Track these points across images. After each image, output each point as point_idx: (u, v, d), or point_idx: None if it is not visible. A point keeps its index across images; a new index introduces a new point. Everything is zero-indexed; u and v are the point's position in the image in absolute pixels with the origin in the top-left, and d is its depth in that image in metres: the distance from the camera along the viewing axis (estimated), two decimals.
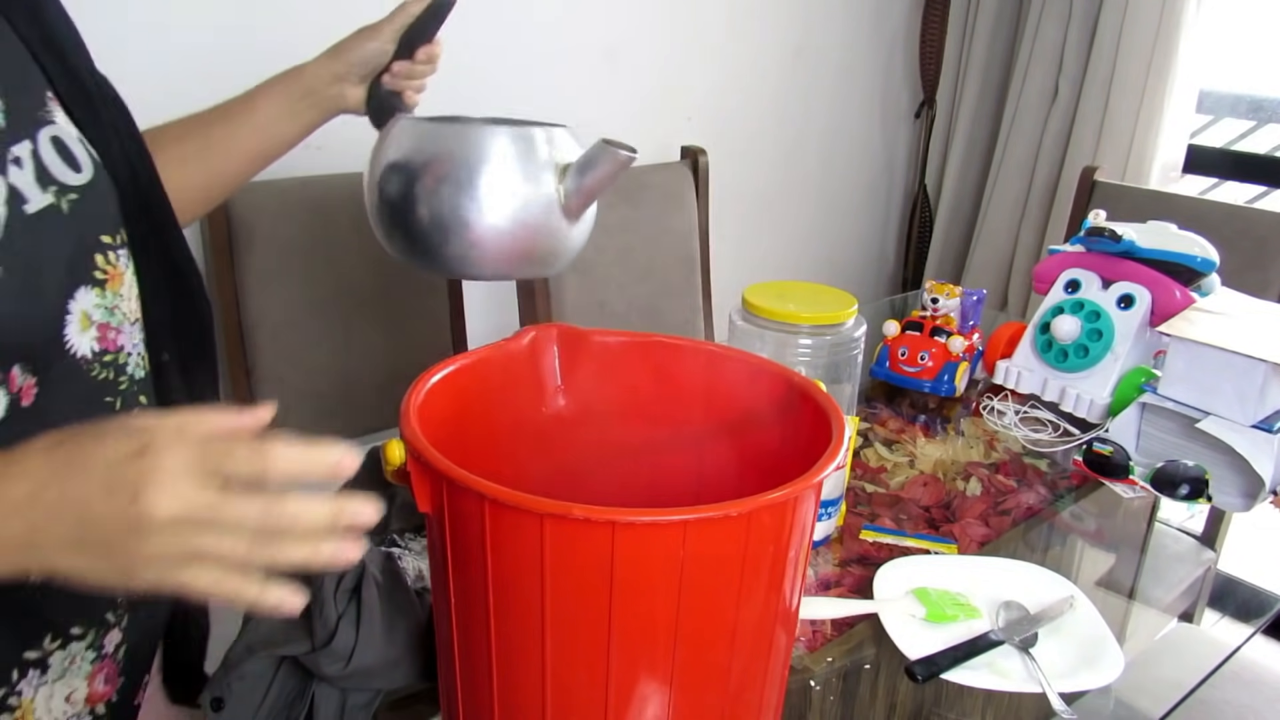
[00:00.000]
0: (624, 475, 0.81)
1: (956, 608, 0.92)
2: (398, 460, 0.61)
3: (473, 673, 0.63)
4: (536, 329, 0.77)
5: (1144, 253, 1.40)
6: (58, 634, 0.62)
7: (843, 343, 1.17)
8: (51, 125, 0.60)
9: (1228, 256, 1.45)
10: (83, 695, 0.65)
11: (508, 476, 0.56)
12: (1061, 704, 0.80)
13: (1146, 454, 1.26)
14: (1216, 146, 2.48)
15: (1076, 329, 1.38)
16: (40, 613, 0.60)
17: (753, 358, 0.77)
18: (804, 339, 1.16)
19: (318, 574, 0.75)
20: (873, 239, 2.95)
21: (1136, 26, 2.31)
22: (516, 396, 0.77)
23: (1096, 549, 1.13)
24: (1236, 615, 1.03)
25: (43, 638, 0.61)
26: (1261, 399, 1.17)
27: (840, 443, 0.62)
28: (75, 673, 0.64)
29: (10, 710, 0.59)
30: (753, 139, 2.45)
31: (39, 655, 0.61)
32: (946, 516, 1.12)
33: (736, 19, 2.30)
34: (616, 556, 0.54)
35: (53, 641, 0.61)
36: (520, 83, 1.95)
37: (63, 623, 0.62)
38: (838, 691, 0.83)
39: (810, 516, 0.63)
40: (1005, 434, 1.36)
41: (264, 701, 0.74)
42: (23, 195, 0.56)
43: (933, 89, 2.76)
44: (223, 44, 1.54)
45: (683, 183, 1.94)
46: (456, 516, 0.58)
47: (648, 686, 0.59)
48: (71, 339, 0.60)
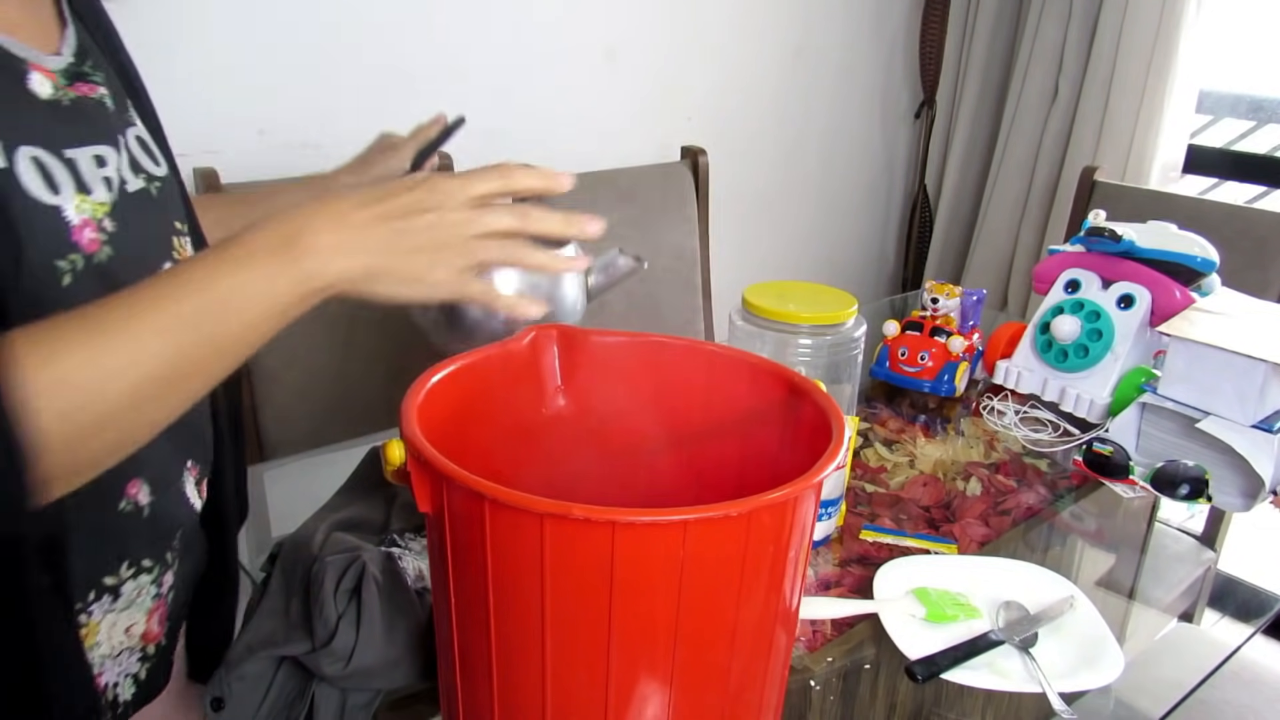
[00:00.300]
0: (624, 475, 0.81)
1: (956, 608, 0.92)
2: (398, 460, 0.61)
3: (473, 673, 0.63)
4: (536, 329, 0.77)
5: (1144, 253, 1.40)
6: (133, 563, 0.68)
7: (842, 343, 1.17)
8: (135, 128, 0.69)
9: (1228, 256, 1.45)
10: (140, 631, 0.70)
11: (508, 476, 0.56)
12: (1061, 704, 0.80)
13: (1146, 454, 1.26)
14: (1216, 146, 2.48)
15: (1076, 329, 1.38)
16: (123, 539, 0.66)
17: (753, 357, 0.77)
18: (804, 339, 1.16)
19: (318, 574, 0.75)
20: (873, 239, 2.95)
21: (1136, 26, 2.31)
22: (516, 396, 0.77)
23: (1096, 549, 1.13)
24: (1236, 615, 1.03)
25: (120, 565, 0.67)
26: (1261, 399, 1.17)
27: (840, 443, 0.62)
28: (139, 606, 0.69)
29: (77, 627, 0.64)
30: (753, 139, 2.45)
31: (115, 582, 0.67)
32: (946, 516, 1.12)
33: (736, 19, 2.30)
34: (616, 556, 0.54)
35: (128, 570, 0.67)
36: (521, 83, 1.95)
37: (137, 553, 0.68)
38: (838, 691, 0.83)
39: (810, 516, 0.63)
40: (1005, 434, 1.36)
41: (264, 701, 0.74)
42: (122, 177, 0.64)
43: (933, 89, 2.76)
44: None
45: (683, 183, 1.93)
46: (456, 516, 0.58)
47: (648, 686, 0.59)
48: None
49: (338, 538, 0.80)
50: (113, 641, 0.68)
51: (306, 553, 0.79)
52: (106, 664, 0.68)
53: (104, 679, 0.69)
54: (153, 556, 0.70)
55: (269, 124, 1.64)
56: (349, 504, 0.90)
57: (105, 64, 0.68)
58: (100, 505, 0.63)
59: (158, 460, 0.69)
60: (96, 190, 0.61)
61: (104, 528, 0.64)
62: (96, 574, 0.66)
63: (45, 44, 0.63)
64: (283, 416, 1.52)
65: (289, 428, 1.51)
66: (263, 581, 0.81)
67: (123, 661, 0.70)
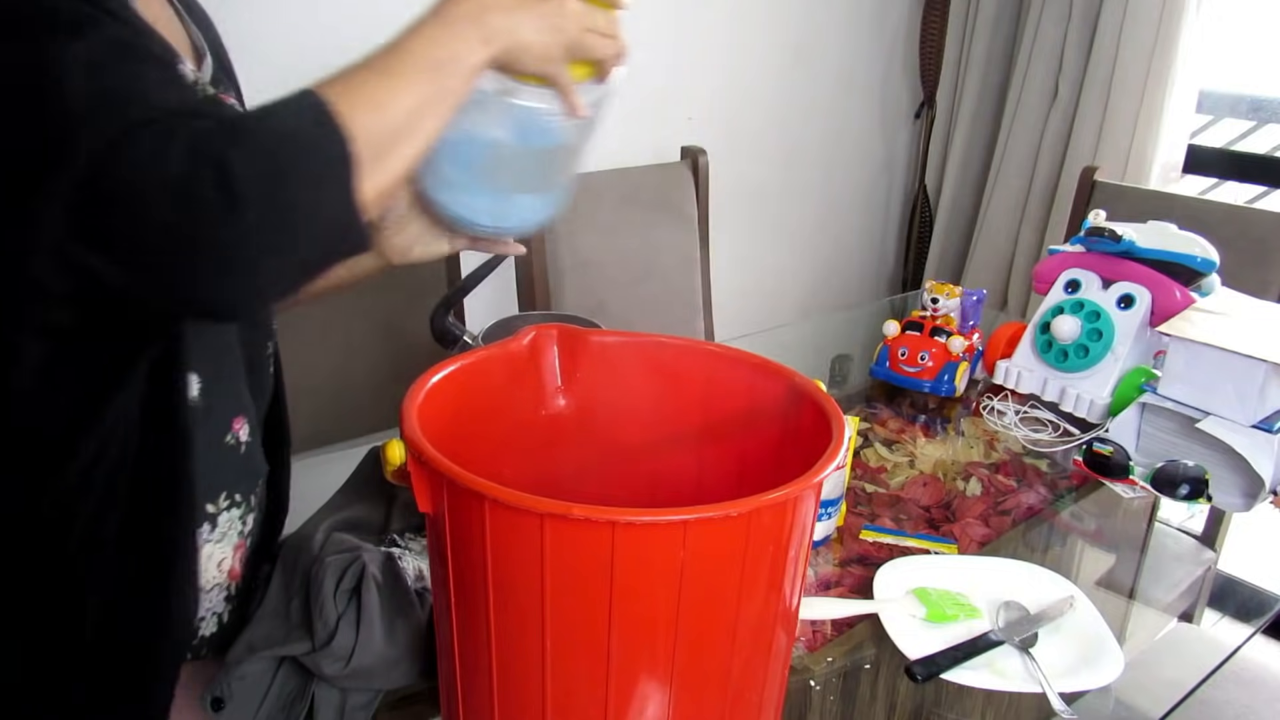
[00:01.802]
0: (624, 475, 0.82)
1: (956, 608, 0.92)
2: (398, 460, 0.61)
3: (473, 673, 0.63)
4: (536, 329, 0.77)
5: (1144, 253, 1.40)
6: (229, 495, 0.75)
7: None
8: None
9: (1228, 256, 1.45)
10: (228, 567, 0.76)
11: (508, 476, 0.56)
12: (1061, 704, 0.80)
13: (1146, 454, 1.26)
14: (1216, 146, 2.48)
15: (1076, 329, 1.38)
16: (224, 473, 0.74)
17: (753, 357, 0.77)
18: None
19: (318, 574, 0.75)
20: (873, 239, 2.95)
21: (1136, 26, 2.31)
22: (516, 396, 0.77)
23: (1096, 549, 1.13)
24: (1236, 615, 1.03)
25: (219, 495, 0.74)
26: (1261, 399, 1.17)
27: (840, 443, 0.62)
28: (229, 540, 0.76)
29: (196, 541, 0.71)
30: (753, 139, 2.45)
31: (215, 510, 0.73)
32: (946, 516, 1.12)
33: (736, 19, 2.30)
34: (616, 556, 0.54)
35: (225, 500, 0.74)
36: None
37: (233, 486, 0.75)
38: (838, 691, 0.83)
39: (810, 516, 0.63)
40: (1005, 434, 1.36)
41: (264, 701, 0.74)
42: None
43: (933, 89, 2.76)
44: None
45: (683, 183, 1.93)
46: (456, 516, 0.58)
47: (648, 686, 0.59)
48: None
49: (338, 538, 0.80)
50: (207, 574, 0.74)
51: (306, 553, 0.79)
52: (200, 597, 0.74)
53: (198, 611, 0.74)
54: (243, 493, 0.76)
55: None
56: (349, 504, 0.90)
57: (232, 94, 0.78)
58: (215, 433, 0.72)
59: (252, 407, 0.78)
60: None
61: (214, 455, 0.72)
62: (204, 500, 0.72)
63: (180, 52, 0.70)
64: None
65: None
66: (263, 581, 0.81)
67: (213, 598, 0.76)
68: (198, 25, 0.76)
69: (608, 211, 1.80)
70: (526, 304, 1.75)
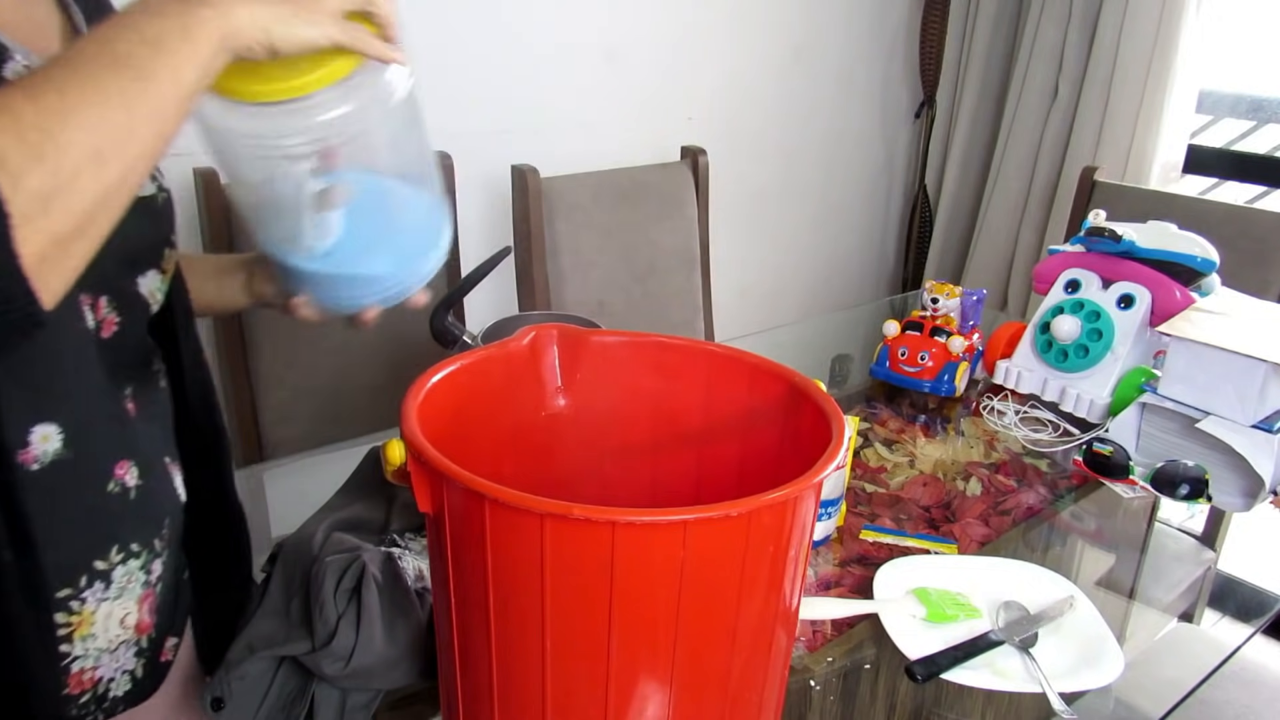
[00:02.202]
0: (624, 475, 0.82)
1: (956, 608, 0.92)
2: (398, 460, 0.61)
3: (473, 673, 0.63)
4: (536, 329, 0.77)
5: (1144, 253, 1.40)
6: (122, 547, 0.67)
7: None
8: None
9: (1228, 256, 1.45)
10: (133, 621, 0.70)
11: (508, 476, 0.56)
12: (1061, 704, 0.80)
13: (1146, 454, 1.26)
14: (1216, 146, 2.48)
15: (1076, 329, 1.38)
16: (110, 525, 0.67)
17: (753, 357, 0.77)
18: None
19: (318, 574, 0.75)
20: (873, 239, 2.95)
21: (1136, 26, 2.31)
22: (516, 396, 0.77)
23: (1096, 549, 1.13)
24: (1236, 615, 1.03)
25: (109, 549, 0.67)
26: (1261, 399, 1.17)
27: (840, 443, 0.62)
28: (130, 594, 0.69)
29: (70, 612, 0.65)
30: (753, 139, 2.45)
31: (106, 567, 0.66)
32: (946, 516, 1.12)
33: (736, 19, 2.30)
34: (616, 556, 0.54)
35: (118, 554, 0.67)
36: (521, 83, 1.95)
37: (126, 538, 0.68)
38: (838, 691, 0.83)
39: (810, 516, 0.63)
40: (1005, 434, 1.36)
41: (264, 701, 0.74)
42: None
43: (933, 89, 2.76)
44: None
45: (683, 183, 1.93)
46: (456, 516, 0.58)
47: (648, 686, 0.59)
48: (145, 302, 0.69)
49: (338, 538, 0.80)
50: (109, 634, 0.68)
51: (306, 553, 0.79)
52: (103, 658, 0.68)
53: (100, 673, 0.68)
54: (140, 542, 0.69)
55: None
56: (349, 504, 0.90)
57: None
58: (90, 484, 0.65)
59: (146, 444, 0.70)
60: None
61: (94, 508, 0.65)
62: (87, 557, 0.65)
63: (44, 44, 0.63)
64: (283, 416, 1.52)
65: (289, 428, 1.51)
66: (263, 581, 0.81)
67: (120, 656, 0.70)
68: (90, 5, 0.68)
69: (608, 211, 1.80)
70: (526, 304, 1.75)
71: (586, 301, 1.80)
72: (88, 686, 0.68)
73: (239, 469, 1.43)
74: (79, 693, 0.67)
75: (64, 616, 0.65)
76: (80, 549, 0.65)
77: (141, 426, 0.70)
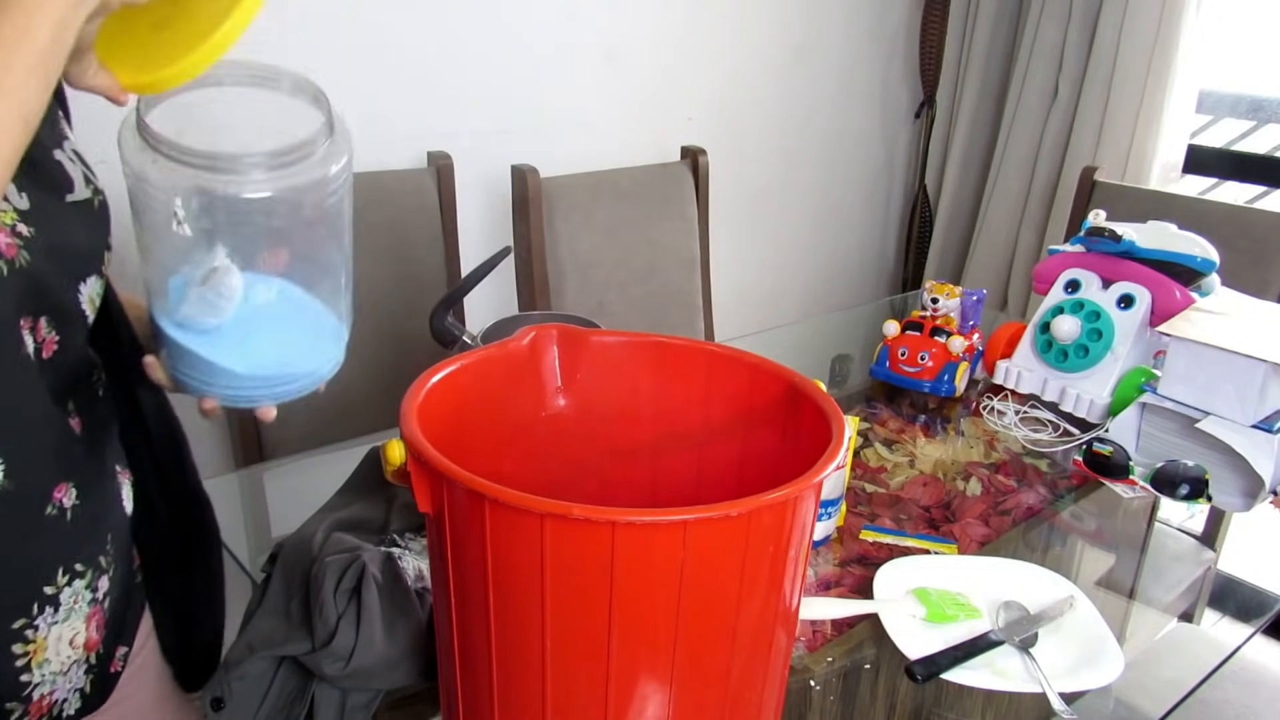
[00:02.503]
0: (624, 475, 0.82)
1: (956, 608, 0.92)
2: (398, 460, 0.61)
3: (473, 673, 0.63)
4: (536, 329, 0.77)
5: (1144, 253, 1.40)
6: (67, 569, 0.68)
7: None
8: (69, 140, 0.69)
9: (1228, 256, 1.45)
10: (82, 640, 0.70)
11: (508, 476, 0.56)
12: (1061, 704, 0.80)
13: (1146, 454, 1.26)
14: (1216, 146, 2.48)
15: (1076, 329, 1.38)
16: (51, 547, 0.66)
17: (753, 357, 0.77)
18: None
19: (318, 574, 0.75)
20: (873, 239, 2.95)
21: (1136, 26, 2.31)
22: (516, 396, 0.77)
23: (1096, 549, 1.13)
24: (1236, 615, 1.03)
25: (55, 573, 0.67)
26: (1261, 399, 1.17)
27: (840, 443, 0.62)
28: (78, 614, 0.69)
29: (26, 641, 0.65)
30: (753, 139, 2.45)
31: (54, 591, 0.67)
32: (946, 516, 1.12)
33: (736, 19, 2.30)
34: (616, 556, 0.54)
35: (63, 576, 0.67)
36: (521, 83, 1.95)
37: (69, 558, 0.68)
38: (838, 691, 0.83)
39: (810, 516, 0.63)
40: (1005, 434, 1.36)
41: (264, 701, 0.74)
42: (71, 183, 0.66)
43: (933, 89, 2.76)
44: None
45: (683, 183, 1.93)
46: (456, 516, 0.58)
47: (648, 686, 0.59)
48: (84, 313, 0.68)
49: (338, 538, 0.80)
50: (61, 657, 0.68)
51: (306, 553, 0.79)
52: (57, 680, 0.68)
53: (55, 695, 0.69)
54: (84, 561, 0.69)
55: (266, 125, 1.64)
56: (349, 504, 0.90)
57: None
58: (27, 509, 0.64)
59: (90, 460, 0.70)
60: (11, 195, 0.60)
61: (33, 534, 0.65)
62: (36, 584, 0.65)
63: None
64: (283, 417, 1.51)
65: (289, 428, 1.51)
66: (263, 581, 0.81)
67: (71, 677, 0.70)
68: None
69: (608, 211, 1.80)
70: (526, 304, 1.75)
71: (586, 301, 1.80)
72: (45, 710, 0.68)
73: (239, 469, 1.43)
74: (37, 717, 0.68)
75: (21, 646, 0.65)
76: (29, 576, 0.65)
77: (87, 442, 0.70)
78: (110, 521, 0.73)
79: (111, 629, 0.74)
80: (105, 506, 0.72)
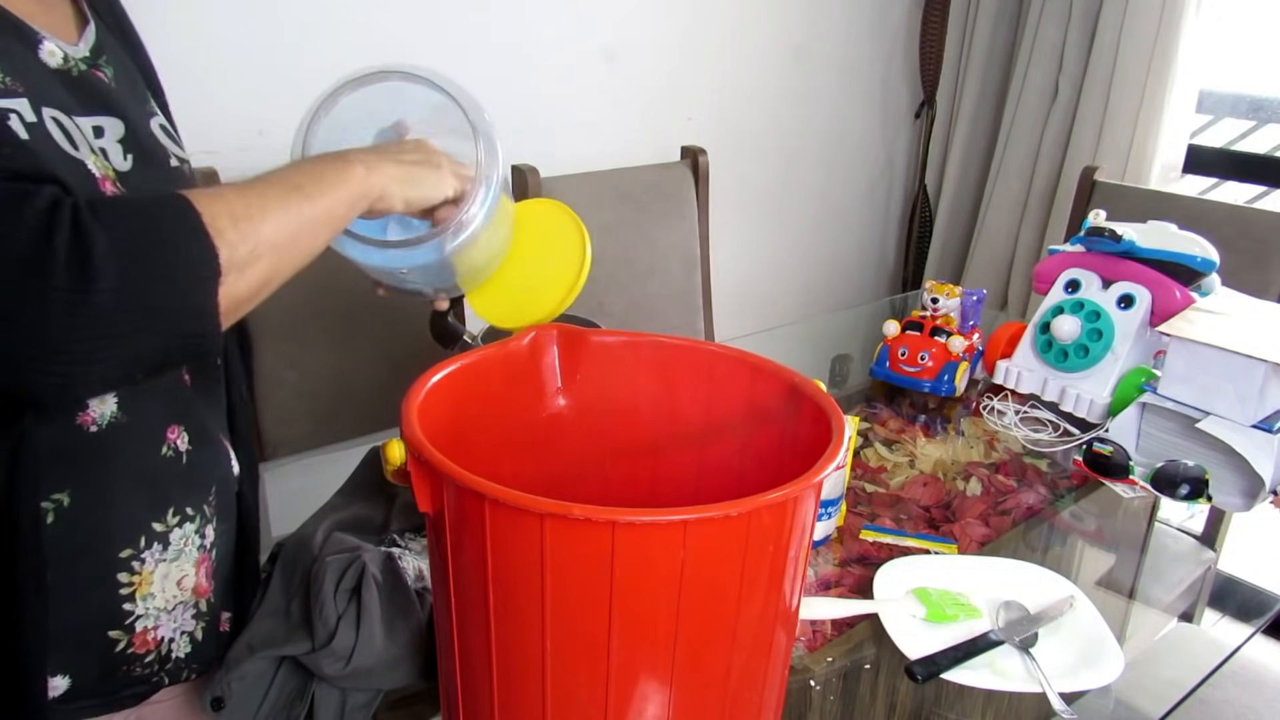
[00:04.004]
0: (624, 475, 0.82)
1: (956, 608, 0.92)
2: (398, 460, 0.61)
3: (473, 673, 0.63)
4: (537, 329, 0.78)
5: (1144, 253, 1.40)
6: (177, 510, 0.72)
7: None
8: (157, 118, 0.76)
9: (1228, 256, 1.45)
10: (191, 584, 0.75)
11: (508, 476, 0.56)
12: (1061, 704, 0.80)
13: (1146, 454, 1.26)
14: (1216, 146, 2.48)
15: (1076, 329, 1.38)
16: (164, 488, 0.71)
17: (753, 357, 0.77)
18: None
19: (318, 574, 0.75)
20: (873, 239, 2.95)
21: (1136, 26, 2.31)
22: (516, 396, 0.77)
23: (1096, 549, 1.13)
24: (1236, 615, 1.03)
25: (166, 512, 0.72)
26: (1261, 399, 1.17)
27: (840, 443, 0.62)
28: (187, 557, 0.74)
29: (132, 572, 0.70)
30: (753, 139, 2.45)
31: (163, 529, 0.71)
32: (946, 516, 1.12)
33: (736, 19, 2.30)
34: (616, 556, 0.54)
35: (174, 517, 0.72)
36: (522, 83, 1.95)
37: (179, 501, 0.73)
38: (838, 691, 0.83)
39: (810, 516, 0.63)
40: (1005, 434, 1.36)
41: (264, 701, 0.74)
42: (165, 153, 0.74)
43: (933, 89, 2.76)
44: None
45: (683, 183, 1.93)
46: (456, 516, 0.58)
47: (648, 686, 0.59)
48: None
49: (338, 538, 0.80)
50: (167, 594, 0.72)
51: (307, 553, 0.79)
52: (162, 618, 0.73)
53: (160, 632, 0.73)
54: (193, 506, 0.74)
55: (269, 124, 1.64)
56: (349, 504, 0.90)
57: (125, 61, 0.75)
58: (144, 448, 0.70)
59: (196, 414, 0.75)
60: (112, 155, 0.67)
61: (147, 471, 0.70)
62: (145, 518, 0.70)
63: (64, 37, 0.68)
64: (283, 416, 1.51)
65: (289, 428, 1.51)
66: (263, 581, 0.81)
67: (177, 617, 0.74)
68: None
69: (608, 211, 1.80)
70: None
71: (586, 302, 1.79)
72: (152, 646, 0.72)
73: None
74: (144, 652, 0.72)
75: (126, 576, 0.69)
76: (138, 510, 0.69)
77: (197, 395, 0.75)
78: (217, 474, 0.77)
79: (219, 583, 0.78)
80: (214, 459, 0.77)
